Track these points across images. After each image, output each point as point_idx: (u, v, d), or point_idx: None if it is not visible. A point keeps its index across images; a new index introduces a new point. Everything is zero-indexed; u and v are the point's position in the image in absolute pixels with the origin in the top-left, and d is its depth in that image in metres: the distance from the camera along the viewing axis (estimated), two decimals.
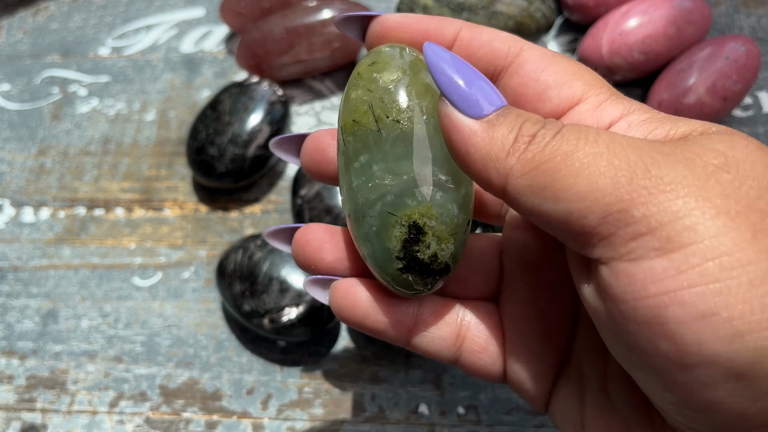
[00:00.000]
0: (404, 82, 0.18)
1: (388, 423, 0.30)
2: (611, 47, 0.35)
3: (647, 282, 0.13)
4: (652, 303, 0.13)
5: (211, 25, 0.43)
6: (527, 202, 0.15)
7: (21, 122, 0.41)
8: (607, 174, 0.14)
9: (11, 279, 0.36)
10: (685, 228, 0.13)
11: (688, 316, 0.13)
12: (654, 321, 0.13)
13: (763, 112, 0.36)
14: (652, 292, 0.13)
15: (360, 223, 0.18)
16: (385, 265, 0.18)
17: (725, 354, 0.13)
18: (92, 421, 0.31)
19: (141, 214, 0.37)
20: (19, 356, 0.33)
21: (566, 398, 0.19)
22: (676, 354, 0.13)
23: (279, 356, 0.32)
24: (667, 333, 0.13)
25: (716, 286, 0.13)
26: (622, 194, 0.14)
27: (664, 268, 0.13)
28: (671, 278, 0.13)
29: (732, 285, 0.13)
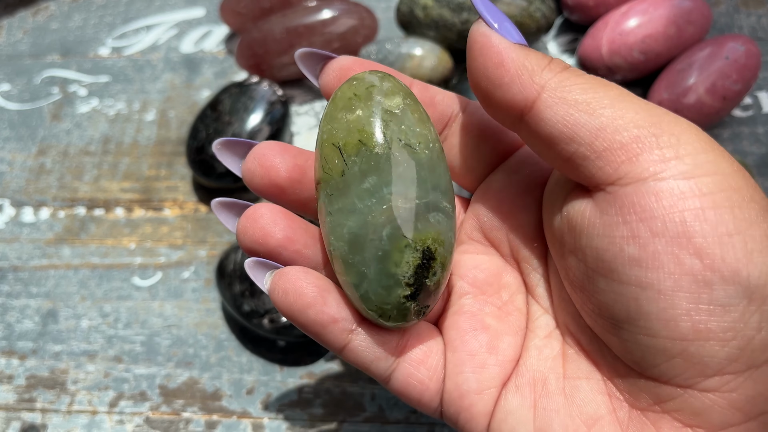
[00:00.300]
0: (410, 107, 0.18)
1: (388, 423, 0.30)
2: (611, 47, 0.35)
3: (677, 199, 0.14)
4: (684, 217, 0.14)
5: (211, 25, 0.43)
6: (558, 111, 0.16)
7: (21, 122, 0.41)
8: (641, 109, 0.15)
9: (11, 279, 0.36)
10: (709, 161, 0.15)
11: (715, 232, 0.14)
12: (683, 235, 0.14)
13: (763, 112, 0.36)
14: (683, 207, 0.14)
15: (361, 247, 0.17)
16: (385, 293, 0.17)
17: (745, 270, 0.14)
18: (92, 420, 0.31)
19: (141, 214, 0.37)
20: (19, 356, 0.33)
21: (516, 410, 0.18)
22: (699, 269, 0.14)
23: (279, 356, 0.32)
24: (693, 247, 0.14)
25: (737, 212, 0.14)
26: (654, 123, 0.15)
27: (692, 189, 0.14)
28: (700, 197, 0.14)
29: (749, 213, 0.14)
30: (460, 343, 0.19)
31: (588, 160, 0.16)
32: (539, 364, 0.19)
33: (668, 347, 0.15)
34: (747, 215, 0.15)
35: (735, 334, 0.14)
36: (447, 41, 0.37)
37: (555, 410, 0.18)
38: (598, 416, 0.17)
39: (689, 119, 0.34)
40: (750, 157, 0.35)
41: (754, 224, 0.15)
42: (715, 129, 0.36)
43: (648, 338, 0.15)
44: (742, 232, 0.14)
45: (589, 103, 0.15)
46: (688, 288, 0.14)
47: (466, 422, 0.19)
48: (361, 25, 0.38)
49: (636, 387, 0.16)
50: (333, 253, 0.18)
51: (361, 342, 0.19)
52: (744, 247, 0.14)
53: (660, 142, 0.15)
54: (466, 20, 0.35)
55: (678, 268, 0.14)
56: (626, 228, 0.15)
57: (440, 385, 0.19)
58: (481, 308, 0.20)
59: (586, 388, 0.18)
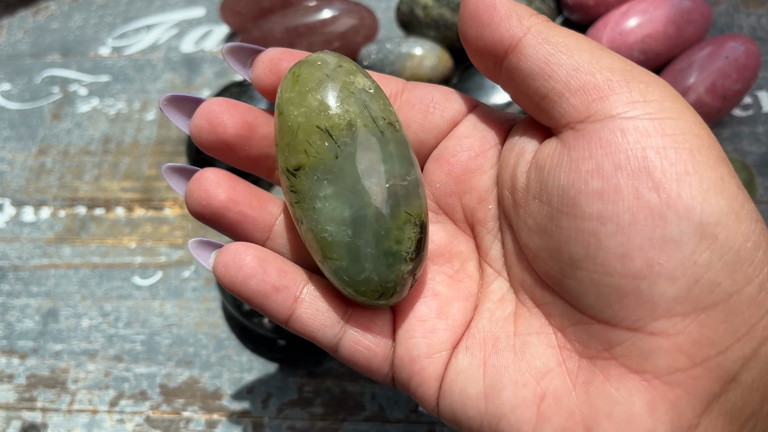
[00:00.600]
0: (375, 86, 0.18)
1: (388, 422, 0.30)
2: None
3: (640, 136, 0.15)
4: (645, 155, 0.15)
5: (211, 25, 0.43)
6: (539, 51, 0.17)
7: (21, 122, 0.41)
8: (618, 58, 0.17)
9: (11, 278, 0.36)
10: (675, 107, 0.16)
11: (674, 170, 0.15)
12: (644, 169, 0.15)
13: (763, 112, 0.36)
14: (646, 144, 0.15)
15: (364, 228, 0.17)
16: (388, 270, 0.18)
17: (699, 208, 0.15)
18: (92, 420, 0.31)
19: (141, 214, 0.37)
20: (19, 355, 0.33)
21: (466, 369, 0.18)
22: (656, 204, 0.15)
23: (279, 355, 0.32)
24: (653, 182, 0.15)
25: (698, 154, 0.15)
26: (626, 71, 0.16)
27: (656, 128, 0.16)
28: (663, 136, 0.15)
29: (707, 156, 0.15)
30: (410, 310, 0.19)
31: (563, 97, 0.17)
32: (490, 326, 0.19)
33: (621, 285, 0.16)
34: (705, 158, 0.15)
35: (684, 271, 0.15)
36: (447, 41, 0.37)
37: (505, 366, 0.18)
38: (547, 369, 0.17)
39: None
40: (750, 156, 0.35)
41: (711, 167, 0.15)
42: (715, 128, 0.36)
43: (603, 276, 0.16)
44: (700, 173, 0.15)
45: (569, 46, 0.17)
46: (644, 222, 0.15)
47: (418, 386, 0.19)
48: (362, 24, 0.38)
49: (586, 334, 0.17)
50: (326, 239, 0.18)
51: (306, 310, 0.19)
52: (700, 185, 0.15)
53: (630, 87, 0.16)
54: None
55: (636, 201, 0.15)
56: (592, 162, 0.16)
57: (389, 351, 0.19)
58: (431, 277, 0.20)
59: (536, 343, 0.18)
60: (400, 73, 0.36)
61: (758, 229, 0.15)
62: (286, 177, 0.18)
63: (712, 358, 0.15)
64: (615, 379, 0.16)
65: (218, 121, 0.19)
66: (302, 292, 0.19)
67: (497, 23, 0.17)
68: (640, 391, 0.16)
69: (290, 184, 0.18)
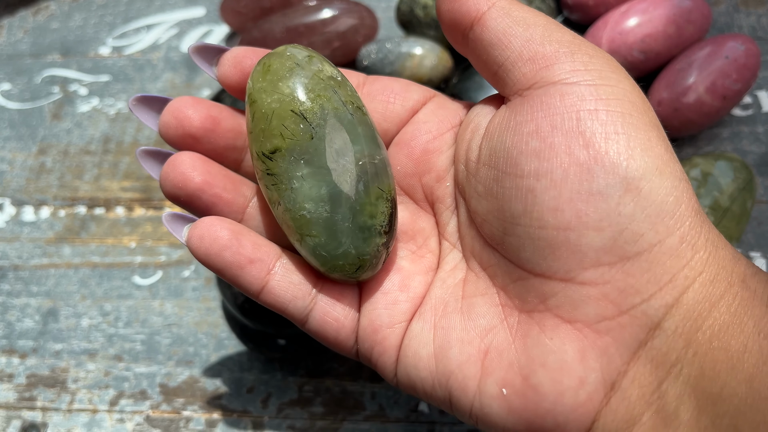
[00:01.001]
0: (344, 76, 0.20)
1: (389, 421, 0.30)
2: (611, 46, 0.35)
3: (576, 99, 0.17)
4: (579, 115, 0.17)
5: (211, 25, 0.43)
6: (500, 23, 0.18)
7: (21, 121, 0.41)
8: (569, 33, 0.18)
9: (12, 278, 0.36)
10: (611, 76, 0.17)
11: (604, 131, 0.16)
12: (576, 129, 0.17)
13: (763, 111, 0.36)
14: (580, 107, 0.17)
15: (339, 203, 0.18)
16: (364, 244, 0.19)
17: (625, 163, 0.16)
18: (92, 419, 0.31)
19: (141, 213, 0.37)
20: (19, 355, 0.34)
21: (419, 333, 0.20)
22: (585, 160, 0.16)
23: (279, 355, 0.32)
24: (584, 140, 0.16)
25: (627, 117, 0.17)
26: (574, 44, 0.18)
27: (592, 93, 0.17)
28: (597, 100, 0.17)
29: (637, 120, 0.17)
30: (374, 284, 0.20)
31: (516, 65, 0.18)
32: (441, 292, 0.20)
33: (554, 237, 0.17)
34: (636, 122, 0.17)
35: (609, 222, 0.16)
36: (447, 40, 0.37)
37: (452, 327, 0.19)
38: (490, 326, 0.19)
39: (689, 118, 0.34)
40: (750, 156, 0.35)
41: (641, 130, 0.17)
42: (715, 128, 0.36)
43: (538, 230, 0.17)
44: (628, 133, 0.16)
45: (527, 20, 0.18)
46: (574, 176, 0.16)
47: (379, 356, 0.20)
48: (361, 24, 0.38)
49: (524, 289, 0.18)
50: (305, 216, 0.18)
51: (279, 282, 0.20)
52: (627, 143, 0.16)
53: (574, 58, 0.17)
54: None
55: (568, 158, 0.17)
56: (533, 123, 0.17)
57: (355, 324, 0.20)
58: (395, 254, 0.21)
59: (481, 303, 0.19)
60: (400, 72, 0.36)
61: (681, 186, 0.16)
62: (261, 161, 0.19)
63: (637, 306, 0.16)
64: (549, 329, 0.17)
65: (184, 115, 0.20)
66: (275, 265, 0.20)
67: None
68: (571, 340, 0.17)
69: (266, 168, 0.19)
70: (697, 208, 0.17)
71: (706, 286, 0.16)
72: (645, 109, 0.17)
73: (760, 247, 0.32)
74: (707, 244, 0.16)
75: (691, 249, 0.16)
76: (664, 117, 0.33)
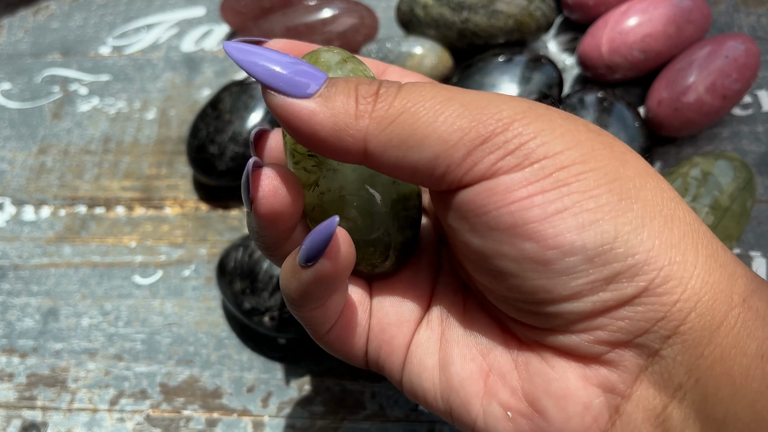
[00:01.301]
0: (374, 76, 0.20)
1: (389, 421, 0.30)
2: (611, 46, 0.35)
3: (509, 191, 0.16)
4: (514, 209, 0.15)
5: (211, 24, 0.43)
6: (391, 156, 0.16)
7: (22, 121, 0.41)
8: (464, 115, 0.16)
9: (12, 277, 0.36)
10: (538, 146, 0.16)
11: (545, 214, 0.15)
12: (516, 224, 0.15)
13: (763, 111, 0.36)
14: (512, 199, 0.15)
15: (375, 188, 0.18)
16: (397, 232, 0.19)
17: (579, 241, 0.15)
18: (93, 419, 0.31)
19: (141, 213, 0.37)
20: (19, 354, 0.34)
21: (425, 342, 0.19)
22: (538, 251, 0.15)
23: (279, 354, 0.32)
24: (528, 232, 0.15)
25: (565, 189, 0.15)
26: (480, 129, 0.16)
27: (524, 178, 0.15)
28: (527, 186, 0.15)
29: (580, 186, 0.15)
30: (382, 283, 0.20)
31: (435, 185, 0.17)
32: (446, 298, 0.20)
33: (531, 308, 0.17)
34: (578, 188, 0.15)
35: (584, 291, 0.16)
36: (447, 40, 0.37)
37: (455, 340, 0.19)
38: (492, 346, 0.19)
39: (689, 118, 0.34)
40: (750, 155, 0.35)
41: (585, 195, 0.15)
42: (715, 128, 0.36)
43: (514, 300, 0.17)
44: (571, 207, 0.15)
45: (414, 134, 0.16)
46: (533, 268, 0.16)
47: (387, 356, 0.20)
48: (362, 23, 0.38)
49: (519, 330, 0.18)
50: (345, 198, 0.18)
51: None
52: (575, 220, 0.15)
53: (491, 146, 0.16)
54: (466, 19, 0.35)
55: (519, 253, 0.16)
56: (467, 224, 0.16)
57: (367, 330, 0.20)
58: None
59: (482, 320, 0.19)
60: None
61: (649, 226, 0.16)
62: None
63: (632, 341, 0.16)
64: (550, 360, 0.17)
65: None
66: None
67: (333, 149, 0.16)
68: (573, 368, 0.17)
69: (309, 150, 0.18)
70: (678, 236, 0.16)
71: (704, 315, 0.16)
72: (589, 164, 0.16)
73: (760, 247, 0.32)
74: (698, 271, 0.16)
75: (679, 284, 0.16)
76: (664, 117, 0.33)
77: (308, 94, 0.16)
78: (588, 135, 0.16)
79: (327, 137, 0.16)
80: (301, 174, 0.19)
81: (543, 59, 0.35)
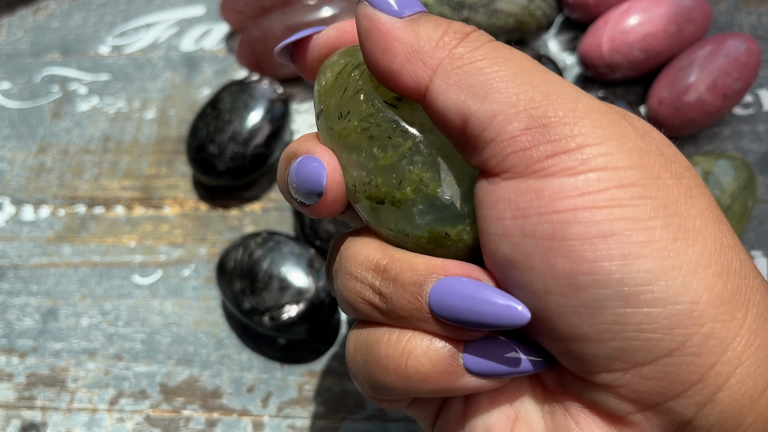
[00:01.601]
0: None
1: (389, 421, 0.30)
2: (611, 45, 0.35)
3: (555, 198, 0.14)
4: (556, 219, 0.14)
5: (211, 24, 0.43)
6: (450, 98, 0.15)
7: (21, 120, 0.41)
8: (542, 89, 0.14)
9: (11, 277, 0.36)
10: (601, 154, 0.14)
11: (588, 234, 0.13)
12: (554, 237, 0.14)
13: (764, 110, 0.36)
14: (559, 208, 0.14)
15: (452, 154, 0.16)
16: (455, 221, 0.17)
17: (618, 274, 0.13)
18: (92, 418, 0.31)
19: (141, 212, 0.37)
20: (19, 354, 0.33)
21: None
22: (570, 273, 0.14)
23: (279, 354, 0.32)
24: (565, 249, 0.14)
25: (618, 211, 0.14)
26: (550, 110, 0.14)
27: (575, 187, 0.14)
28: (578, 197, 0.14)
29: (636, 212, 0.14)
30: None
31: (477, 151, 0.15)
32: None
33: (551, 345, 0.15)
34: (632, 214, 0.14)
35: (612, 334, 0.14)
36: None
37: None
38: (519, 392, 0.17)
39: (690, 117, 0.34)
40: (750, 155, 0.35)
41: (638, 224, 0.14)
42: (716, 127, 0.36)
43: (533, 334, 0.15)
44: (619, 234, 0.13)
45: (484, 85, 0.14)
46: (559, 291, 0.14)
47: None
48: None
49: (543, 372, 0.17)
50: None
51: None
52: (620, 250, 0.13)
53: (552, 134, 0.14)
54: (466, 18, 0.35)
55: (549, 270, 0.14)
56: (500, 225, 0.15)
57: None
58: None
59: None
60: None
61: (700, 274, 0.14)
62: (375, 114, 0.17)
63: (662, 404, 0.14)
64: (575, 414, 0.16)
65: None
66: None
67: (398, 70, 0.15)
68: (599, 428, 0.15)
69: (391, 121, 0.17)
70: (730, 291, 0.14)
71: (745, 381, 0.14)
72: (648, 189, 0.14)
73: (760, 246, 0.32)
74: (743, 331, 0.14)
75: (720, 344, 0.14)
76: (664, 116, 0.33)
77: (400, 14, 0.15)
78: (658, 159, 0.15)
79: (399, 55, 0.15)
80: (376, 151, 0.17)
81: (543, 58, 0.35)
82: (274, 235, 0.32)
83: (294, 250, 0.31)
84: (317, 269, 0.31)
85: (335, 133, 0.17)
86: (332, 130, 0.17)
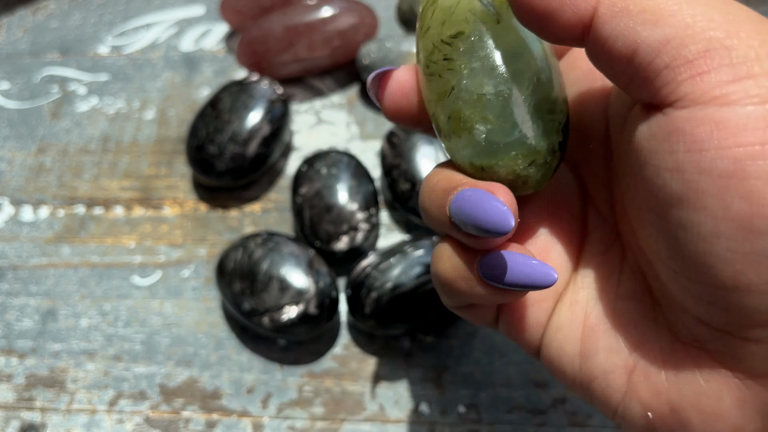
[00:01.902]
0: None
1: (389, 422, 0.30)
2: None
3: (739, 130, 0.12)
4: (739, 154, 0.12)
5: (210, 23, 0.43)
6: (617, 26, 0.13)
7: (20, 120, 0.41)
8: (721, 10, 0.13)
9: (10, 277, 0.36)
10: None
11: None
12: (734, 175, 0.12)
13: None
14: (742, 142, 0.12)
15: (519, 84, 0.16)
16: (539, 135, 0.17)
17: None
18: (92, 419, 0.31)
19: (140, 213, 0.37)
20: (18, 355, 0.33)
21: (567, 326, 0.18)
22: (747, 216, 0.12)
23: (279, 355, 0.32)
24: (744, 189, 0.12)
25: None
26: (731, 30, 0.12)
27: (759, 118, 0.12)
28: (765, 129, 0.12)
29: None
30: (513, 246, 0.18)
31: (646, 82, 0.13)
32: (594, 283, 0.18)
33: (707, 294, 0.14)
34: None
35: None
36: None
37: (601, 330, 0.17)
38: (642, 341, 0.16)
39: None
40: None
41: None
42: None
43: (687, 280, 0.14)
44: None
45: (654, 10, 0.13)
46: (730, 234, 0.13)
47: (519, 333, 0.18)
48: (362, 23, 0.38)
49: (679, 321, 0.16)
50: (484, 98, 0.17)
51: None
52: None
53: (733, 57, 0.12)
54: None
55: (723, 212, 0.13)
56: (671, 159, 0.13)
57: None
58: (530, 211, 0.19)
59: (634, 311, 0.17)
60: None
61: None
62: (438, 49, 0.17)
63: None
64: (705, 370, 0.15)
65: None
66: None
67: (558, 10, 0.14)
68: (730, 388, 0.14)
69: (444, 54, 0.17)
70: None
71: None
72: None
73: None
74: None
75: None
76: None
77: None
78: None
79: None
80: (437, 85, 0.17)
81: None
82: (274, 235, 0.32)
83: (294, 251, 0.31)
84: (317, 270, 0.31)
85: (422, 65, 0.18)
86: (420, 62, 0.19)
